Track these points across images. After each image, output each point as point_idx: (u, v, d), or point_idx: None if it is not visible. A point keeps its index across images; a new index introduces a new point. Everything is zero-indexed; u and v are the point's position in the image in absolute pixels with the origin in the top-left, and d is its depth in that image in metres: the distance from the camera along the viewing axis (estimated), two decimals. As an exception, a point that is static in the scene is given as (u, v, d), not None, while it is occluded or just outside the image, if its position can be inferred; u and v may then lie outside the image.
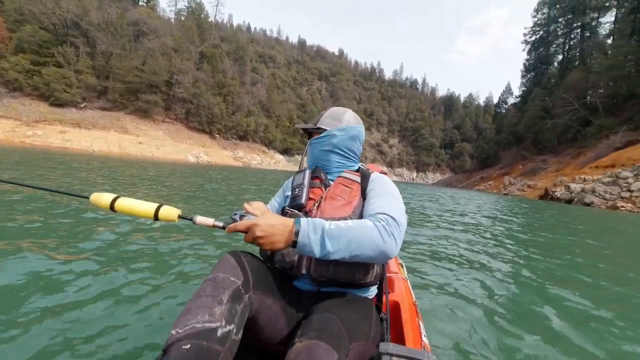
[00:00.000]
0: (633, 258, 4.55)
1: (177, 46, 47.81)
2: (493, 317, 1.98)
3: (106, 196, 0.83)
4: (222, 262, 0.81)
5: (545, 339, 1.75)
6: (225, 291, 0.73)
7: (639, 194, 18.96)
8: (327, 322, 0.74)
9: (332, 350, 0.66)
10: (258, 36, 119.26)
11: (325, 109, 1.20)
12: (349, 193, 1.03)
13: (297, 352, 0.66)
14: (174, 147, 40.30)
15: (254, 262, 0.86)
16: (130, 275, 2.02)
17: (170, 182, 8.81)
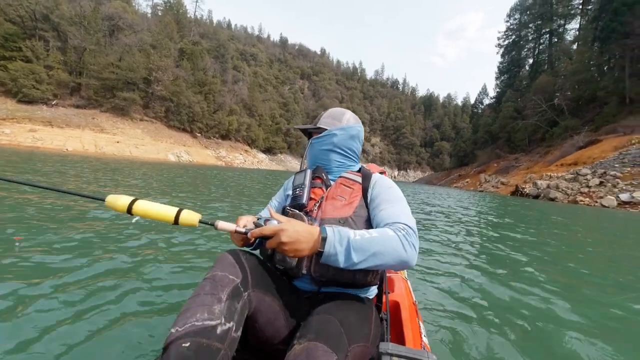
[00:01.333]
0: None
1: (155, 42, 46.50)
2: (493, 317, 1.98)
3: (123, 199, 0.82)
4: (221, 260, 0.82)
5: (545, 338, 1.77)
6: (224, 289, 0.74)
7: (596, 190, 20.75)
8: (326, 324, 0.74)
9: (330, 352, 0.66)
10: (239, 33, 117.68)
11: (326, 110, 1.22)
12: (350, 193, 1.02)
13: (296, 354, 0.67)
14: (154, 146, 39.29)
15: (252, 260, 0.87)
16: (128, 273, 2.02)
17: (178, 183, 8.86)
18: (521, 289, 2.58)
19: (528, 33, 67.30)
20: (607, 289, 2.82)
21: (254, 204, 6.20)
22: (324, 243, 0.77)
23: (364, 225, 0.95)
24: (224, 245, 2.84)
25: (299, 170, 1.16)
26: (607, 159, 26.32)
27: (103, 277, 1.94)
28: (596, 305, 2.38)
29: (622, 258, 4.35)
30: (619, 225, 9.56)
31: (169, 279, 2.02)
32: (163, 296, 1.75)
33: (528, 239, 5.20)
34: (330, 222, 0.95)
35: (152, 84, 44.07)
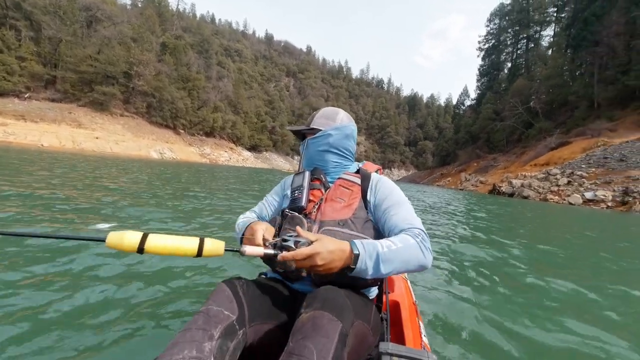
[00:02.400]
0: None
1: (136, 36, 45.12)
2: (493, 316, 2.00)
3: (130, 236, 0.68)
4: (217, 293, 0.77)
5: (545, 337, 1.77)
6: (218, 326, 0.69)
7: (564, 188, 22.21)
8: (332, 294, 0.75)
9: (336, 320, 0.67)
10: (223, 28, 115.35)
11: (318, 110, 1.19)
12: (350, 195, 1.02)
13: (303, 322, 0.68)
14: (135, 142, 38.26)
15: (250, 291, 0.83)
16: (116, 295, 1.74)
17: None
18: (521, 289, 2.60)
19: (507, 38, 70.00)
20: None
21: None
22: (356, 259, 0.78)
23: (363, 226, 0.96)
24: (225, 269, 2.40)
25: (297, 172, 1.15)
26: (575, 159, 28.08)
27: (83, 295, 1.70)
28: (607, 303, 2.37)
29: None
30: (586, 222, 10.41)
31: (161, 302, 1.72)
32: (152, 323, 1.51)
33: (523, 240, 5.33)
34: (330, 224, 0.95)
35: (133, 79, 42.80)
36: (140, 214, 3.89)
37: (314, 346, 0.63)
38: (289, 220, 0.98)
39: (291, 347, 0.65)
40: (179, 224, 3.62)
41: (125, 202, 4.61)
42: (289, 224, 0.97)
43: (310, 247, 0.76)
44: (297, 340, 0.65)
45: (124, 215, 3.77)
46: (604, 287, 2.81)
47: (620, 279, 3.24)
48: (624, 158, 23.96)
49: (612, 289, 2.78)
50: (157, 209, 4.34)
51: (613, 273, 3.49)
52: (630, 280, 3.15)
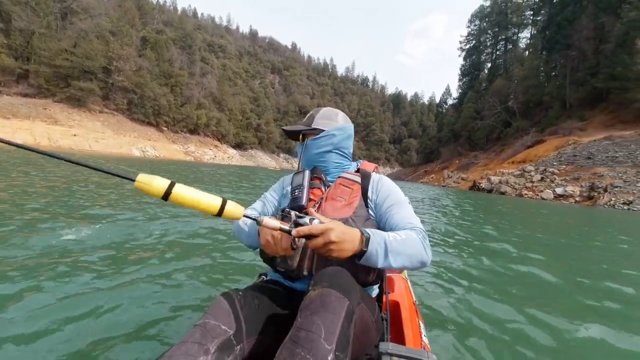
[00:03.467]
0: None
1: (115, 29, 43.57)
2: (494, 316, 2.00)
3: (159, 181, 0.68)
4: (214, 307, 0.77)
5: (545, 337, 1.78)
6: (214, 340, 0.69)
7: (538, 184, 23.52)
8: (340, 273, 0.76)
9: (343, 298, 0.69)
10: (206, 23, 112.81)
11: (317, 111, 1.16)
12: (350, 194, 1.02)
13: (311, 299, 0.69)
14: (116, 140, 37.14)
15: (248, 304, 0.82)
16: (110, 301, 1.65)
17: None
18: (521, 288, 2.59)
19: (487, 39, 72.13)
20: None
21: None
22: (367, 242, 0.79)
23: (364, 224, 0.97)
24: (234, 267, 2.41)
25: (297, 171, 1.15)
26: (548, 157, 29.64)
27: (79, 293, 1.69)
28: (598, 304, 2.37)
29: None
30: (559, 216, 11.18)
31: (155, 310, 1.64)
32: (146, 332, 1.44)
33: (522, 237, 5.36)
34: None
35: (112, 74, 41.40)
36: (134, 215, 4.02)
37: (322, 322, 0.64)
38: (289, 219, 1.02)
39: (299, 322, 0.67)
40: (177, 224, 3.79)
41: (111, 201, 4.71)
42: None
43: (325, 223, 0.76)
44: (305, 316, 0.67)
45: (119, 212, 3.90)
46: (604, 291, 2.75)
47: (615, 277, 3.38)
48: (591, 156, 25.57)
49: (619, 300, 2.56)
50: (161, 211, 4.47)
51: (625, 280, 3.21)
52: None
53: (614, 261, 4.01)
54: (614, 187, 19.61)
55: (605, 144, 26.88)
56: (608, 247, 5.09)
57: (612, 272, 3.41)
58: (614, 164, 22.87)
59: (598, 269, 3.55)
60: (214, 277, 2.15)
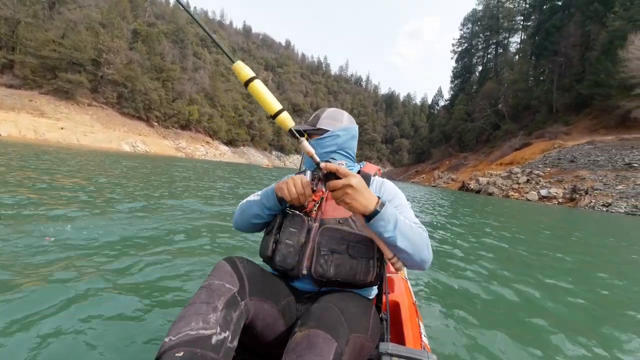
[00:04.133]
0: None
1: (105, 21, 42.63)
2: (494, 316, 2.00)
3: (247, 70, 0.81)
4: (218, 269, 0.81)
5: (545, 336, 1.79)
6: (221, 298, 0.72)
7: (524, 186, 24.29)
8: (327, 312, 0.75)
9: (331, 339, 0.67)
10: (199, 17, 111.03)
11: (323, 111, 1.18)
12: None
13: (297, 342, 0.68)
14: (105, 134, 36.43)
15: (250, 268, 0.86)
16: (121, 279, 1.87)
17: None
18: (521, 287, 2.62)
19: (478, 42, 73.33)
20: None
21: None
22: (382, 205, 0.79)
23: (364, 226, 0.95)
24: (224, 250, 2.71)
25: (298, 171, 1.17)
26: (534, 160, 30.54)
27: (91, 278, 1.81)
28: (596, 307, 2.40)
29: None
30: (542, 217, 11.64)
31: (166, 281, 1.90)
32: (158, 301, 1.65)
33: (519, 238, 5.43)
34: (330, 222, 0.97)
35: (102, 67, 40.51)
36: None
37: None
38: (290, 218, 1.00)
39: None
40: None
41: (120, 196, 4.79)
42: (290, 221, 0.99)
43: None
44: (291, 359, 0.65)
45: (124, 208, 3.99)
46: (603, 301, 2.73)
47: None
48: (574, 159, 26.48)
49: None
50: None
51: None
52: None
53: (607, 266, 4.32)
54: (595, 189, 20.44)
55: (587, 148, 27.86)
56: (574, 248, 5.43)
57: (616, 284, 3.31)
58: (595, 167, 23.78)
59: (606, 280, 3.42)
60: (216, 258, 2.19)
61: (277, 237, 0.99)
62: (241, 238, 3.19)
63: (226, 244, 3.00)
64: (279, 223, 1.02)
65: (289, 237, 0.97)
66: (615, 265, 4.11)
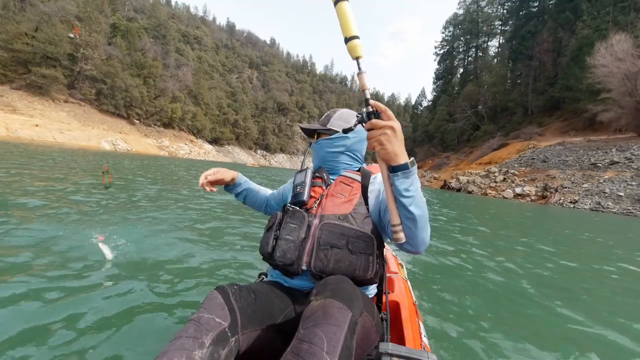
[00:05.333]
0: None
1: (81, 14, 41.06)
2: (493, 316, 2.00)
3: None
4: (209, 301, 0.76)
5: (545, 335, 1.79)
6: (209, 333, 0.68)
7: (500, 184, 25.55)
8: (343, 283, 0.75)
9: (347, 309, 0.67)
10: (180, 12, 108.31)
11: (334, 111, 1.18)
12: (350, 191, 1.02)
13: (313, 310, 0.68)
14: (83, 132, 35.18)
15: (242, 297, 0.81)
16: (105, 301, 1.66)
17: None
18: (521, 287, 2.61)
19: (459, 45, 75.52)
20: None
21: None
22: (413, 165, 0.79)
23: (363, 221, 0.97)
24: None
25: (300, 170, 1.16)
26: (510, 159, 32.07)
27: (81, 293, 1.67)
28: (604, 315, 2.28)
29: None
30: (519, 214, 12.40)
31: (151, 307, 1.65)
32: (141, 330, 1.46)
33: (516, 240, 5.42)
34: (330, 218, 0.96)
35: (79, 62, 39.07)
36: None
37: (324, 334, 0.63)
38: (290, 214, 1.01)
39: (302, 334, 0.66)
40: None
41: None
42: (290, 217, 1.00)
43: None
44: (307, 327, 0.66)
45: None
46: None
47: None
48: (546, 159, 28.07)
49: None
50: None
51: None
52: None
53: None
54: (563, 187, 21.82)
55: (558, 148, 29.57)
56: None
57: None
58: (564, 167, 25.32)
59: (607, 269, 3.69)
60: (213, 277, 2.16)
61: (278, 234, 1.00)
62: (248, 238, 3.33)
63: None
64: (279, 220, 1.03)
65: (289, 232, 0.97)
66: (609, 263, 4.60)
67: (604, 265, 3.92)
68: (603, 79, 28.52)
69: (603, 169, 22.61)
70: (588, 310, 2.27)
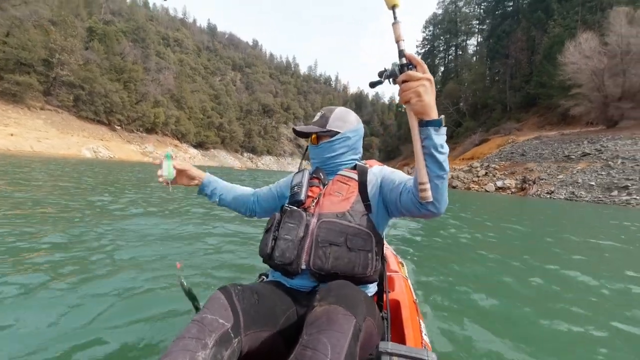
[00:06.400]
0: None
1: (56, 18, 39.72)
2: (494, 315, 1.99)
3: None
4: (212, 301, 0.76)
5: (545, 335, 1.79)
6: (212, 334, 0.68)
7: (482, 179, 26.58)
8: (347, 289, 0.75)
9: (350, 316, 0.67)
10: (159, 15, 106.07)
11: (330, 111, 1.14)
12: (347, 189, 1.02)
13: (317, 316, 0.68)
14: (62, 139, 34.06)
15: (246, 298, 0.81)
16: (109, 302, 1.70)
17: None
18: (521, 287, 2.60)
19: (440, 44, 77.43)
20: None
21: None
22: (442, 120, 0.79)
23: (361, 219, 0.97)
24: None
25: (297, 171, 1.17)
26: (491, 154, 33.33)
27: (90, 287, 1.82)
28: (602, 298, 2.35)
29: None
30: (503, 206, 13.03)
31: (153, 308, 1.68)
32: (145, 330, 1.48)
33: (518, 235, 5.42)
34: (328, 216, 0.96)
35: (54, 67, 37.77)
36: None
37: (328, 340, 0.63)
38: (289, 214, 1.01)
39: (305, 340, 0.65)
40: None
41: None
42: (288, 217, 1.00)
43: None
44: (311, 333, 0.66)
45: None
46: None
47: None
48: (524, 153, 29.39)
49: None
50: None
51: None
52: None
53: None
54: (540, 179, 22.97)
55: (535, 142, 30.98)
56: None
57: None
58: (541, 160, 26.60)
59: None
60: (214, 278, 2.19)
61: (277, 234, 1.00)
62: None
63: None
64: (277, 221, 1.03)
65: (287, 232, 0.97)
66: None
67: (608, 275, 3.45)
68: (573, 76, 30.06)
69: (576, 161, 23.93)
70: (587, 310, 2.22)
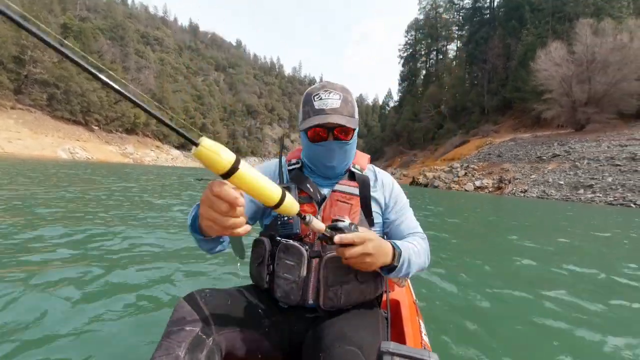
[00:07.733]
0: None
1: (27, 13, 37.74)
2: (494, 314, 2.00)
3: (226, 153, 0.46)
4: (176, 312, 0.71)
5: (545, 335, 1.79)
6: (182, 344, 0.64)
7: (462, 179, 27.73)
8: (360, 331, 0.71)
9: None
10: (138, 12, 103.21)
11: (347, 92, 0.93)
12: (349, 210, 0.88)
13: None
14: (36, 140, 32.55)
15: (214, 300, 0.75)
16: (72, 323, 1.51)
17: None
18: (521, 287, 2.61)
19: (421, 48, 79.60)
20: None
21: None
22: (399, 257, 0.76)
23: None
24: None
25: (282, 185, 0.79)
26: (470, 155, 34.74)
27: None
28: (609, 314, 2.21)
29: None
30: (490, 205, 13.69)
31: (123, 328, 1.52)
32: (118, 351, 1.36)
33: (517, 237, 5.34)
34: (332, 251, 0.81)
35: (26, 65, 36.07)
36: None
37: None
38: (284, 248, 0.85)
39: None
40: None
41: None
42: (284, 253, 0.84)
43: (365, 233, 0.71)
44: None
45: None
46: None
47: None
48: (501, 154, 30.87)
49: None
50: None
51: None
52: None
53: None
54: (515, 179, 24.25)
55: (510, 144, 32.58)
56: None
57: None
58: (516, 160, 28.05)
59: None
60: (184, 286, 2.07)
61: (271, 269, 0.87)
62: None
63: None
64: (269, 252, 0.87)
65: (287, 271, 0.83)
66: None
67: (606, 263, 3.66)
68: (545, 82, 31.88)
69: (547, 161, 25.40)
70: (589, 310, 2.22)
